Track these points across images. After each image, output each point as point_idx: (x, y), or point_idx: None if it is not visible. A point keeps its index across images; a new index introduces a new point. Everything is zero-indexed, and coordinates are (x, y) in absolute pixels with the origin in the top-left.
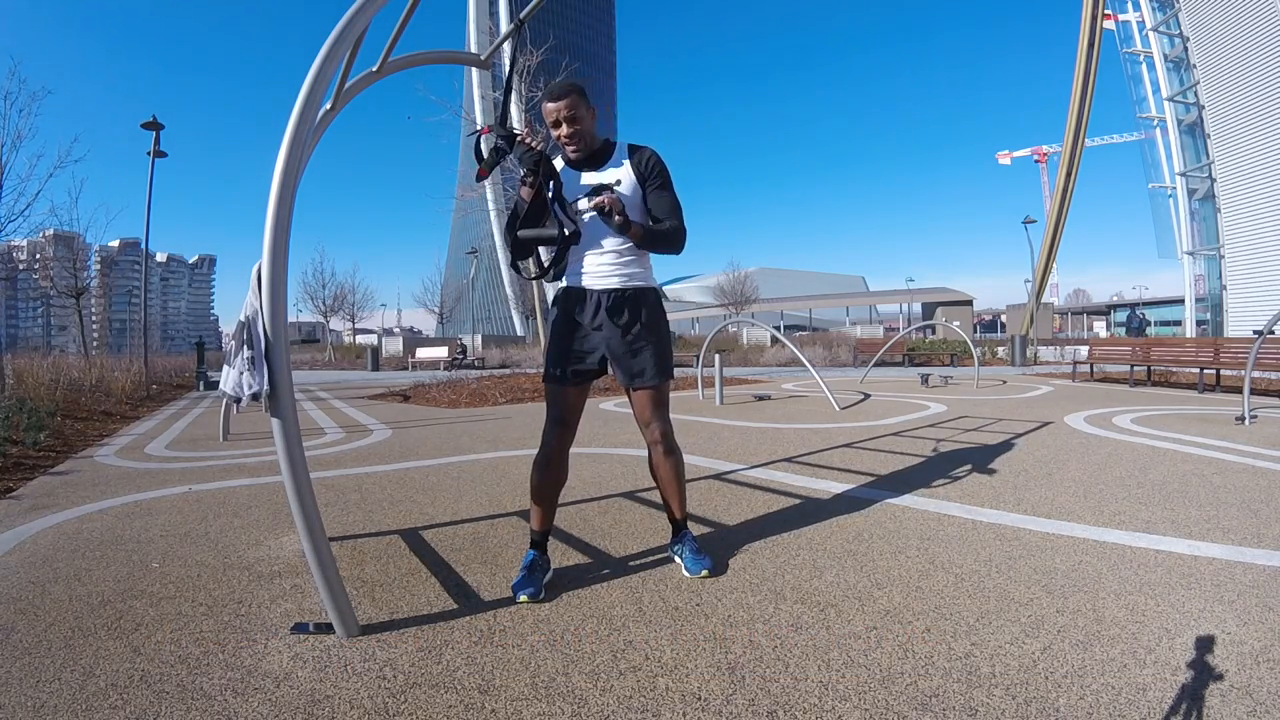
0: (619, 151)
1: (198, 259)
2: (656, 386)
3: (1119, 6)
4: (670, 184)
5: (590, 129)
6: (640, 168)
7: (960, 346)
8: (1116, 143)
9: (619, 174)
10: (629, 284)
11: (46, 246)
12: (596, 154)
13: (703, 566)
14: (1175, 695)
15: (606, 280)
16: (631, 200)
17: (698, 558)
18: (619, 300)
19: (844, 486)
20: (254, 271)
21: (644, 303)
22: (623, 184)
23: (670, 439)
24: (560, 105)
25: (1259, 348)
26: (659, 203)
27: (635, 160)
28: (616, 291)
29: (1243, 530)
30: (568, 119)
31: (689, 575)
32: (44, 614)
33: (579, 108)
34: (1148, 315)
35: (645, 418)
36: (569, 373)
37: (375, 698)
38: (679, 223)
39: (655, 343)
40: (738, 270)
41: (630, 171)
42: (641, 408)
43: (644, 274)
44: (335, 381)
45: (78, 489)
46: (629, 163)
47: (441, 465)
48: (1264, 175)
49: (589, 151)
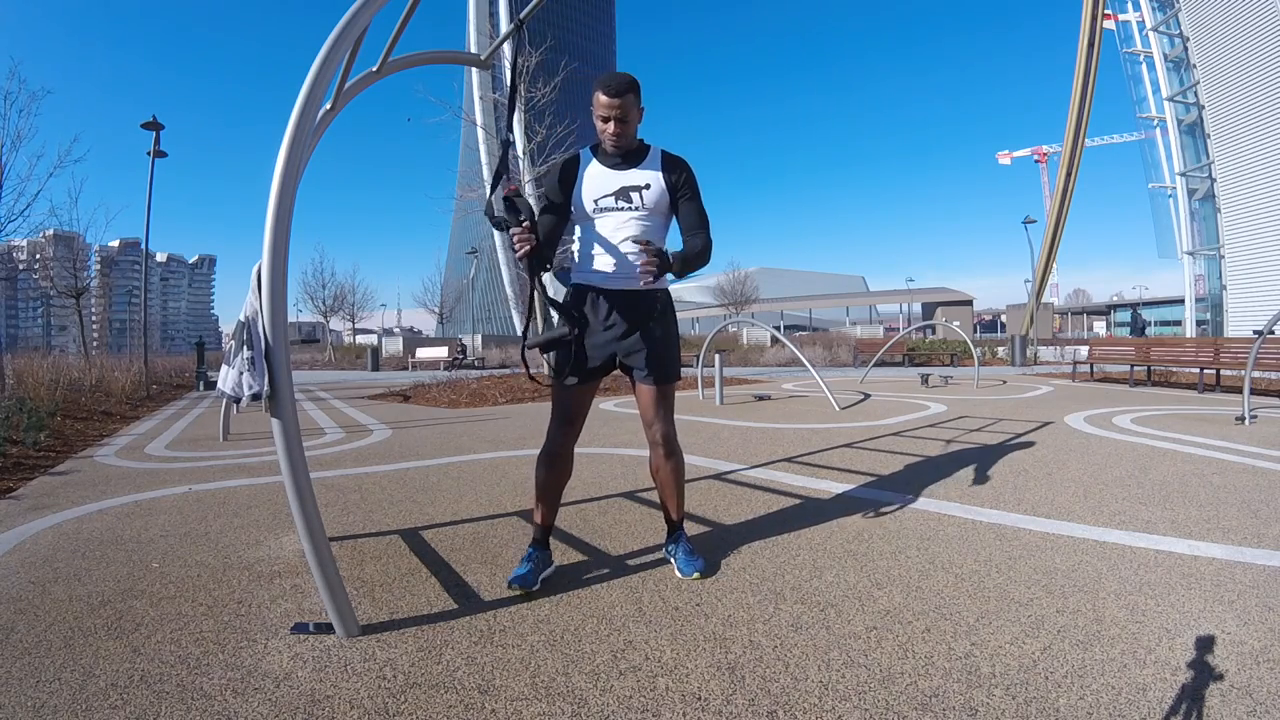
0: (652, 155)
1: (198, 259)
2: (663, 385)
3: (1119, 6)
4: (700, 195)
5: (635, 130)
6: (673, 179)
7: (960, 346)
8: (1116, 143)
9: (649, 177)
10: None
11: (46, 246)
12: (631, 153)
13: (695, 568)
14: (1175, 695)
15: (624, 280)
16: (659, 205)
17: (690, 559)
18: (631, 300)
19: (844, 486)
20: (254, 272)
21: (655, 302)
22: (651, 187)
23: (673, 441)
24: (615, 103)
25: (1259, 348)
26: (689, 214)
27: (670, 171)
28: (629, 292)
29: (1243, 530)
30: (618, 118)
31: (681, 576)
32: (44, 614)
33: (632, 109)
34: (1144, 316)
35: (650, 417)
36: (578, 372)
37: (375, 698)
38: (708, 236)
39: (665, 342)
40: (738, 270)
41: (661, 178)
42: (647, 406)
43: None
44: (335, 381)
45: (78, 489)
46: (662, 170)
47: (441, 465)
48: (1264, 175)
49: (627, 150)
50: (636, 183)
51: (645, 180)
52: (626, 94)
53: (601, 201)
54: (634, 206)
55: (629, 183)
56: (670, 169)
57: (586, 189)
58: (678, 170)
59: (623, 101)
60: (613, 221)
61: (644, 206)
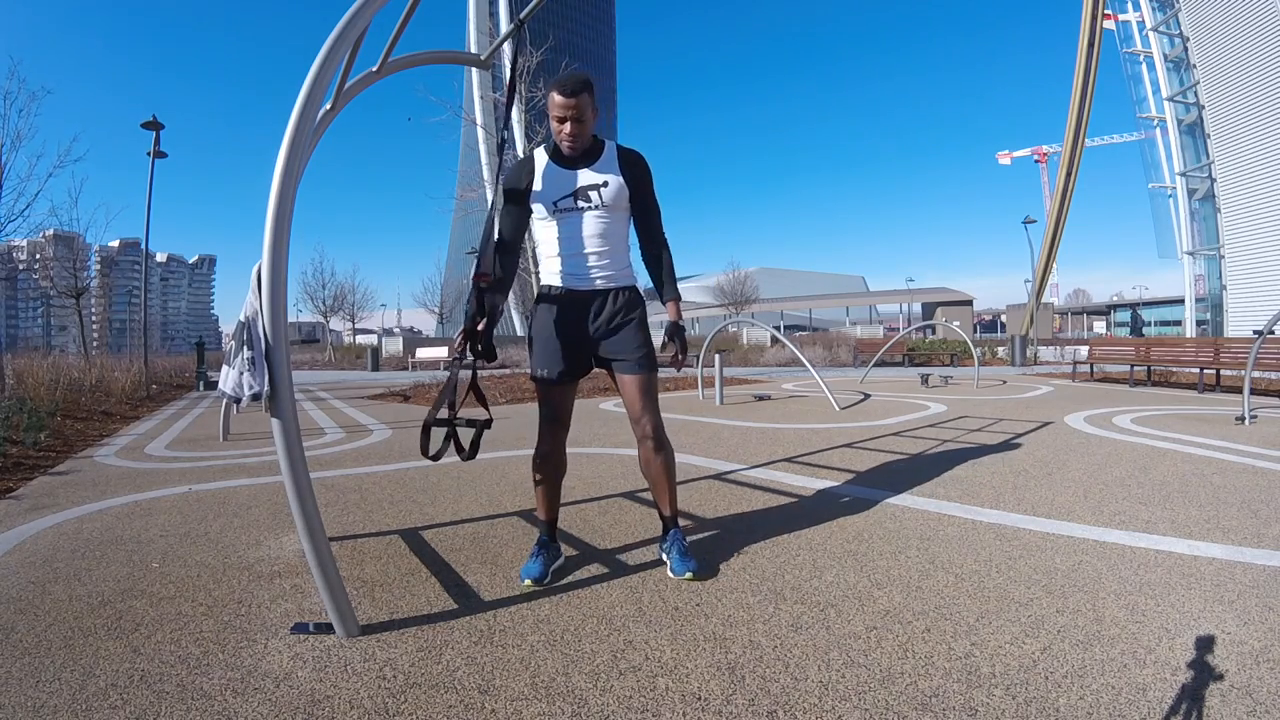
0: (608, 151)
1: (198, 259)
2: (644, 374)
3: (1119, 6)
4: (654, 194)
5: (591, 129)
6: (633, 174)
7: (960, 346)
8: (1116, 143)
9: (606, 175)
10: (610, 284)
11: (46, 246)
12: (587, 151)
13: (688, 569)
14: (1175, 695)
15: (592, 279)
16: (618, 201)
17: (684, 559)
18: (601, 299)
19: (844, 486)
20: (254, 272)
21: (625, 299)
22: (609, 185)
23: (661, 434)
24: (571, 103)
25: (1259, 348)
26: (649, 224)
27: (629, 167)
28: (599, 291)
29: (1243, 530)
30: (574, 118)
31: (673, 577)
32: (44, 614)
33: (587, 109)
34: (1143, 316)
35: (637, 410)
36: (556, 373)
37: (375, 698)
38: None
39: (640, 334)
40: (738, 270)
41: (619, 175)
42: (632, 399)
43: (625, 274)
44: (335, 381)
45: (78, 489)
46: (620, 166)
47: (441, 465)
48: (1264, 175)
49: (583, 150)
50: (594, 181)
51: (603, 179)
52: (581, 93)
53: (561, 203)
54: (593, 205)
55: (586, 182)
56: (626, 165)
57: (545, 191)
58: (634, 166)
59: (578, 101)
60: (573, 221)
61: (603, 204)
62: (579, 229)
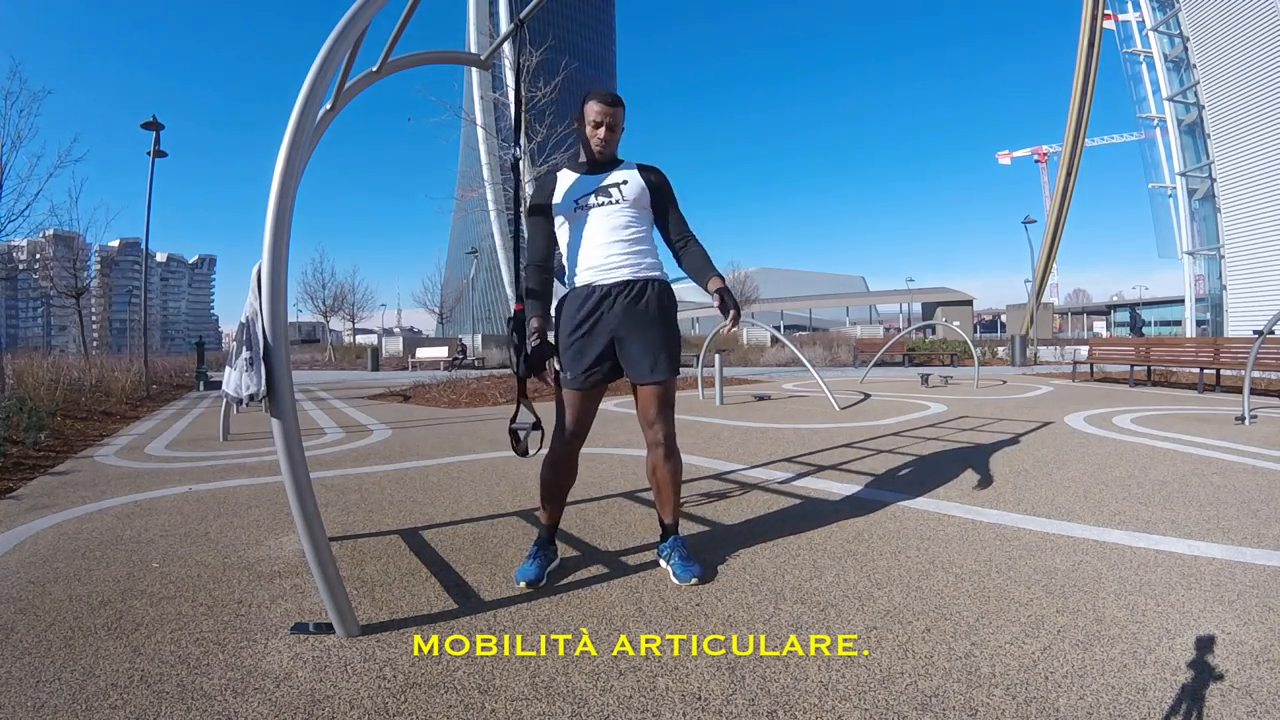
0: (628, 163)
1: (198, 259)
2: (664, 382)
3: (1119, 6)
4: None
5: (618, 141)
6: (653, 181)
7: (960, 346)
8: (1116, 143)
9: (626, 175)
10: (639, 274)
11: (46, 246)
12: (608, 163)
13: (692, 574)
14: (1175, 695)
15: (616, 272)
16: (639, 199)
17: (687, 565)
18: (630, 290)
19: (844, 486)
20: (254, 272)
21: (656, 292)
22: (629, 183)
23: (672, 442)
24: (610, 111)
25: (1259, 348)
26: (677, 221)
27: (649, 175)
28: (628, 282)
29: (1243, 530)
30: (610, 125)
31: (677, 583)
32: (44, 614)
33: (620, 120)
34: (1143, 316)
35: (650, 417)
36: (583, 378)
37: (375, 698)
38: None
39: (666, 335)
40: (738, 270)
41: (639, 176)
42: (647, 405)
43: (654, 263)
44: (335, 381)
45: (78, 489)
46: (639, 172)
47: (441, 465)
48: (1264, 175)
49: (608, 160)
50: (616, 180)
51: (624, 177)
52: (618, 106)
53: (582, 200)
54: (614, 200)
55: (609, 181)
56: (646, 172)
57: (567, 194)
58: (654, 173)
59: (615, 111)
60: (596, 216)
61: (624, 199)
62: (603, 222)
